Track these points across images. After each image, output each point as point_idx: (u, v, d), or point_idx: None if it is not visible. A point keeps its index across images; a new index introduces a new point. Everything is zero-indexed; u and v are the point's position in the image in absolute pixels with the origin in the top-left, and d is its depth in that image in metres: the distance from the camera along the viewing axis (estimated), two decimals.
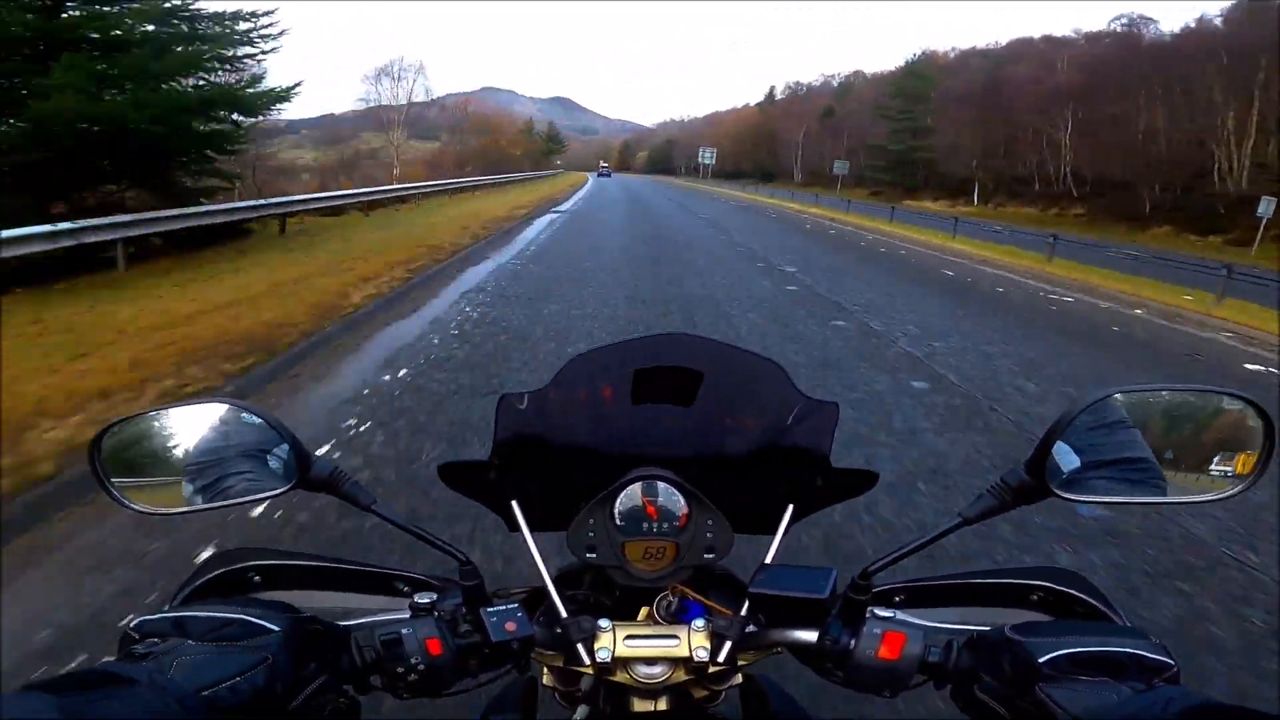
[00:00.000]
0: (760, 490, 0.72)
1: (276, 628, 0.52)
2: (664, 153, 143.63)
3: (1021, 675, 0.53)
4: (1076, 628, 0.60)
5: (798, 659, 0.66)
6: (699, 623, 0.65)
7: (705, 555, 0.69)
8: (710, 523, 0.69)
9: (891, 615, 0.63)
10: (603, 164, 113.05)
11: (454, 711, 0.75)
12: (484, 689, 0.66)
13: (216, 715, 0.46)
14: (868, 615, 0.62)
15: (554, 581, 0.68)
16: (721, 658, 0.63)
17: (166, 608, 0.57)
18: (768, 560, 0.68)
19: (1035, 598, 0.67)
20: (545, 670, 0.72)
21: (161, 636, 0.51)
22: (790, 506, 0.71)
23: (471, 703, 0.70)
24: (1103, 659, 0.52)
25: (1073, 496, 0.59)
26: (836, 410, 0.71)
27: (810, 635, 0.63)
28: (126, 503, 0.61)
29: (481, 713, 0.75)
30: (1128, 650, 0.53)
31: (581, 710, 0.72)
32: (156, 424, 0.63)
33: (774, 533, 0.71)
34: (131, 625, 0.52)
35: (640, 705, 0.67)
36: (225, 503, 0.62)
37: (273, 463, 0.63)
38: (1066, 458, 0.59)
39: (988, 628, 0.60)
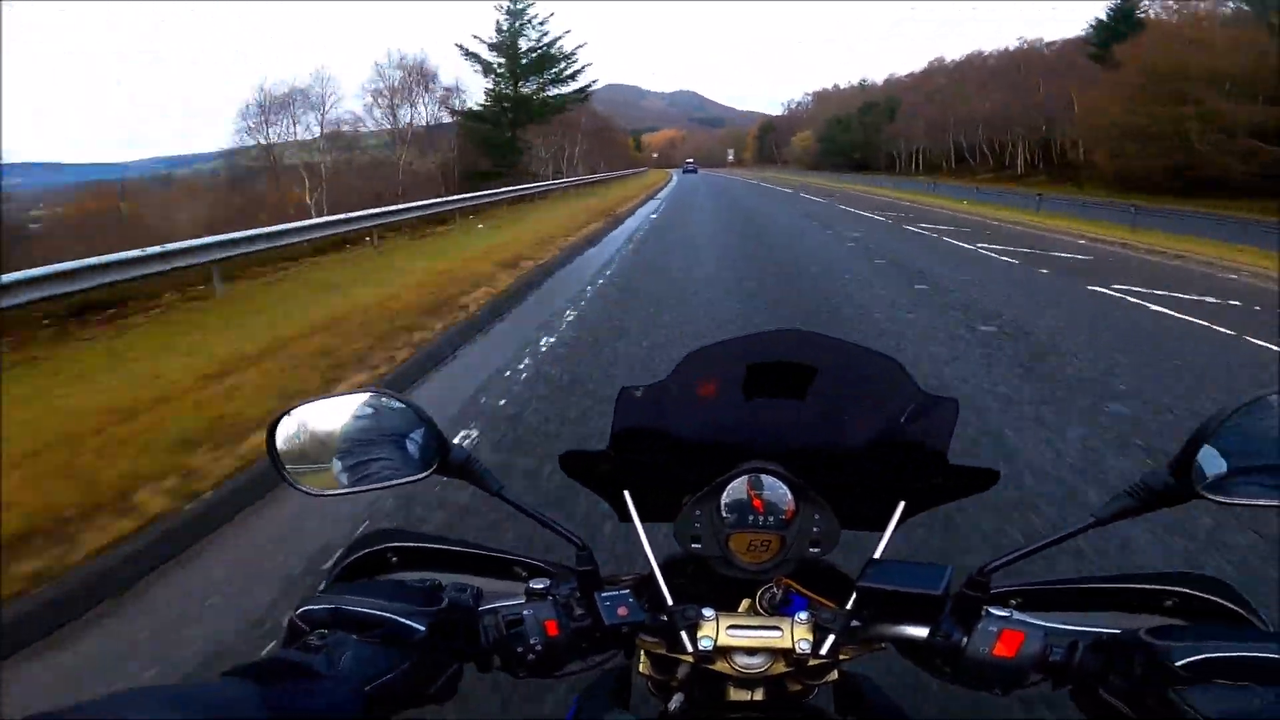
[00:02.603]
0: (871, 486, 0.74)
1: (421, 626, 0.58)
2: (856, 128, 76.24)
3: (1153, 677, 0.53)
4: (1217, 633, 0.58)
5: (902, 654, 0.67)
6: (803, 615, 0.67)
7: (811, 549, 0.72)
8: (817, 517, 0.72)
9: (1008, 614, 0.63)
10: (689, 161, 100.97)
11: (550, 697, 0.79)
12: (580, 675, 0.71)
13: (377, 708, 0.52)
14: (983, 613, 0.63)
15: (660, 570, 0.72)
16: (824, 650, 0.65)
17: (322, 586, 0.66)
18: (876, 556, 0.69)
19: (1170, 604, 0.65)
20: (642, 658, 0.76)
21: (325, 625, 0.57)
22: (902, 503, 0.72)
23: (553, 688, 0.72)
24: (1245, 664, 0.51)
25: (1221, 499, 0.58)
26: (956, 407, 0.72)
27: (920, 631, 0.64)
28: (294, 484, 0.70)
29: (577, 698, 0.79)
30: (1273, 655, 0.51)
31: (677, 699, 0.75)
32: (318, 412, 0.72)
33: (883, 529, 0.72)
34: (298, 613, 0.58)
35: (736, 694, 0.70)
36: (374, 486, 0.70)
37: (413, 448, 0.70)
38: (1213, 460, 0.58)
39: (1116, 631, 0.59)
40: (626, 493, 0.75)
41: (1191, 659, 0.51)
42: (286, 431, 0.71)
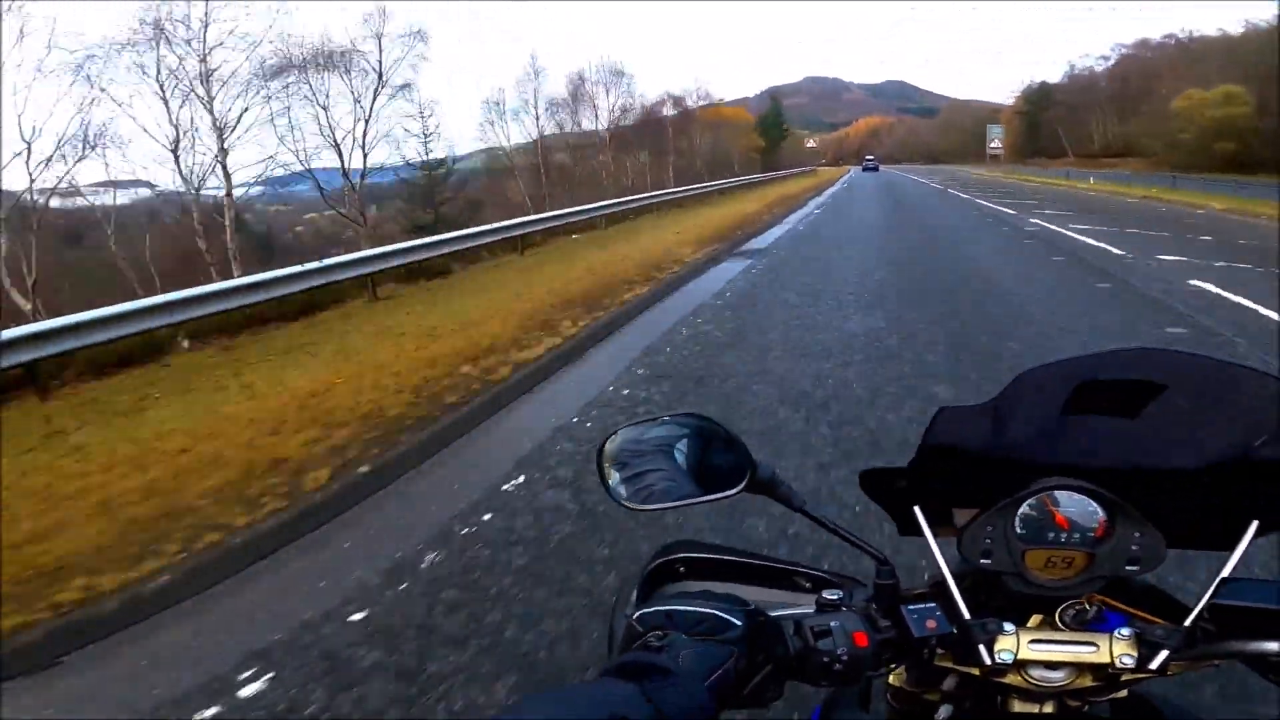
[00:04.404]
0: (1212, 504, 0.69)
1: (739, 622, 0.62)
2: None
3: None
4: None
5: (1251, 669, 0.65)
6: (1125, 630, 0.66)
7: (1128, 567, 0.69)
8: (1137, 535, 0.69)
9: None
10: (869, 157, 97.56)
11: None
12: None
13: (717, 705, 0.56)
14: None
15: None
16: (1153, 666, 0.64)
17: (636, 594, 0.72)
18: (1225, 575, 0.66)
19: None
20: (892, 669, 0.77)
21: (657, 628, 0.62)
22: (1255, 523, 0.67)
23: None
24: None
25: None
26: None
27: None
28: (618, 498, 0.77)
29: (820, 706, 0.82)
30: None
31: (945, 709, 0.75)
32: (639, 433, 0.80)
33: (1225, 549, 0.68)
34: (635, 617, 0.63)
35: (1022, 707, 0.70)
36: (689, 501, 0.76)
37: (724, 467, 0.75)
38: None
39: None
40: (917, 508, 0.76)
41: None
42: (612, 449, 0.80)
